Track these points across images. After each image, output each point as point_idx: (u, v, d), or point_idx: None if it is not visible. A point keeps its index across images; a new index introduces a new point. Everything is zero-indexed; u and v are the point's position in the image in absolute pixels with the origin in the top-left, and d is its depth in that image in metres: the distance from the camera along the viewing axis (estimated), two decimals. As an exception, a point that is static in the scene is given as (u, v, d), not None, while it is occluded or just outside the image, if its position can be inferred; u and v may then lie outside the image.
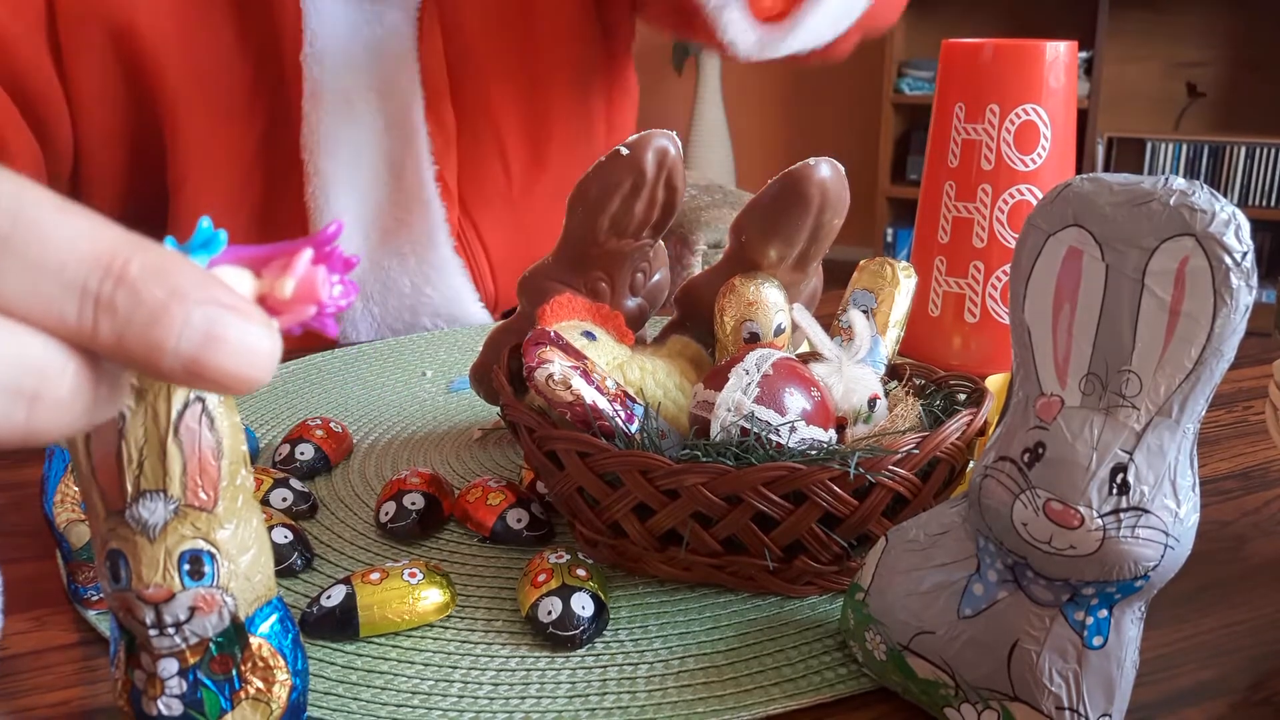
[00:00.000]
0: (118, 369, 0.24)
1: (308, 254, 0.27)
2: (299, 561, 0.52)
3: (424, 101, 0.88)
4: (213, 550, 0.35)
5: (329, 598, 0.46)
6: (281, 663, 0.38)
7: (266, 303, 0.27)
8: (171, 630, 0.35)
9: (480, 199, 0.95)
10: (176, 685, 0.36)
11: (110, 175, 0.86)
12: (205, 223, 0.26)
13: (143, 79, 0.81)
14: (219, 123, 0.85)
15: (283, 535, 0.52)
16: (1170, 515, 0.35)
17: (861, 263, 0.61)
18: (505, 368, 0.54)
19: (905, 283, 0.59)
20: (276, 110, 0.86)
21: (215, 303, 0.24)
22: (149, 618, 0.35)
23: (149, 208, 0.87)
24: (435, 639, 0.46)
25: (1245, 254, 0.34)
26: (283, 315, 0.26)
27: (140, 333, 0.23)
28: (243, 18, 0.84)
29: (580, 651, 0.46)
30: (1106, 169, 3.60)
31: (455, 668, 0.45)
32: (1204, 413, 0.36)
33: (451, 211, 0.91)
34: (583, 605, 0.46)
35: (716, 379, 0.48)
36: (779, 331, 0.54)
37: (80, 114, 0.82)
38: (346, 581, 0.47)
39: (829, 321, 0.58)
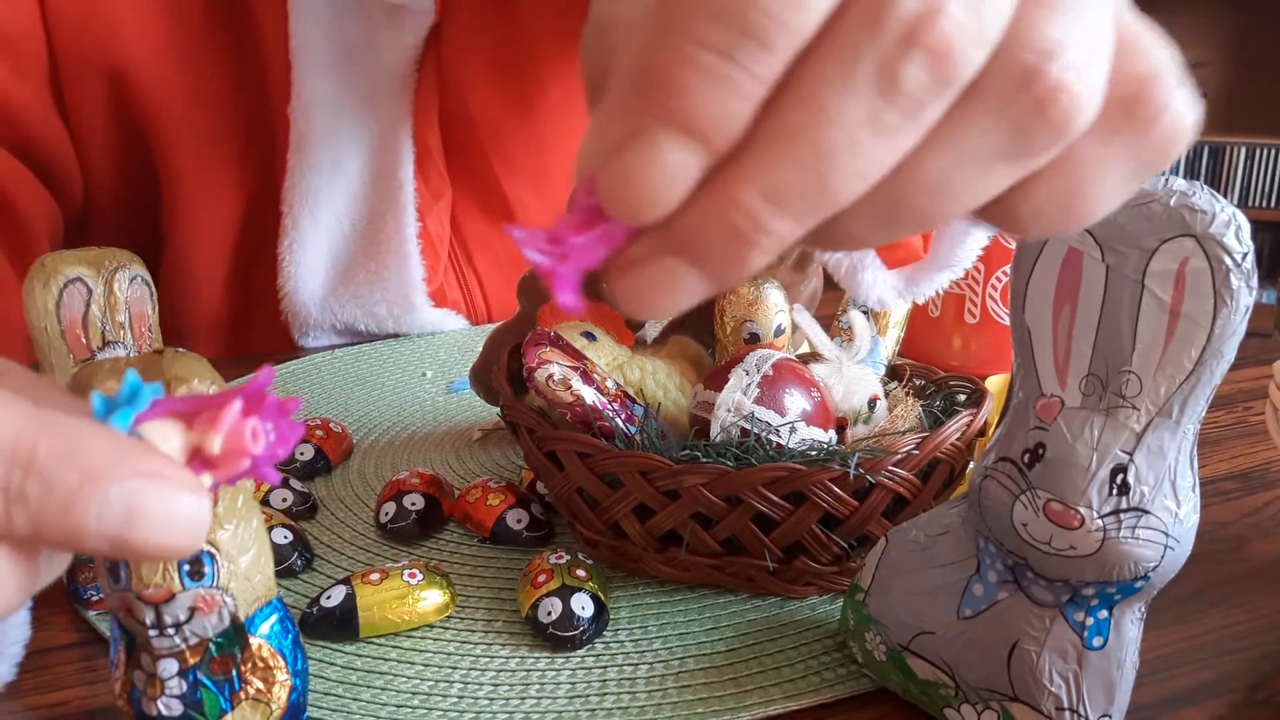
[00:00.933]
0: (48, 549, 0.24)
1: (235, 407, 0.25)
2: (299, 561, 0.52)
3: (414, 159, 0.86)
4: (212, 550, 0.35)
5: (329, 598, 0.46)
6: (281, 663, 0.38)
7: (198, 456, 0.25)
8: (171, 630, 0.35)
9: (485, 252, 0.93)
10: (176, 685, 0.36)
11: (111, 221, 0.85)
12: (131, 377, 0.25)
13: (142, 128, 0.81)
14: (212, 172, 0.84)
15: (283, 535, 0.52)
16: (1170, 516, 0.35)
17: (861, 263, 0.61)
18: (505, 368, 0.54)
19: (905, 283, 0.59)
20: (266, 163, 0.85)
21: (134, 474, 0.23)
22: (149, 618, 0.35)
23: (146, 253, 0.87)
24: (435, 639, 0.46)
25: (1245, 255, 0.34)
26: (216, 470, 0.25)
27: (56, 520, 0.22)
28: (237, 69, 0.83)
29: (580, 652, 0.46)
30: (1106, 169, 3.59)
31: (455, 668, 0.45)
32: (1204, 413, 0.36)
33: (434, 268, 0.89)
34: (583, 605, 0.46)
35: (716, 379, 0.48)
36: (779, 332, 0.54)
37: (86, 164, 0.81)
38: (346, 582, 0.47)
39: (829, 322, 0.58)
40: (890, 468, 0.45)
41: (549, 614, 0.46)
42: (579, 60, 0.31)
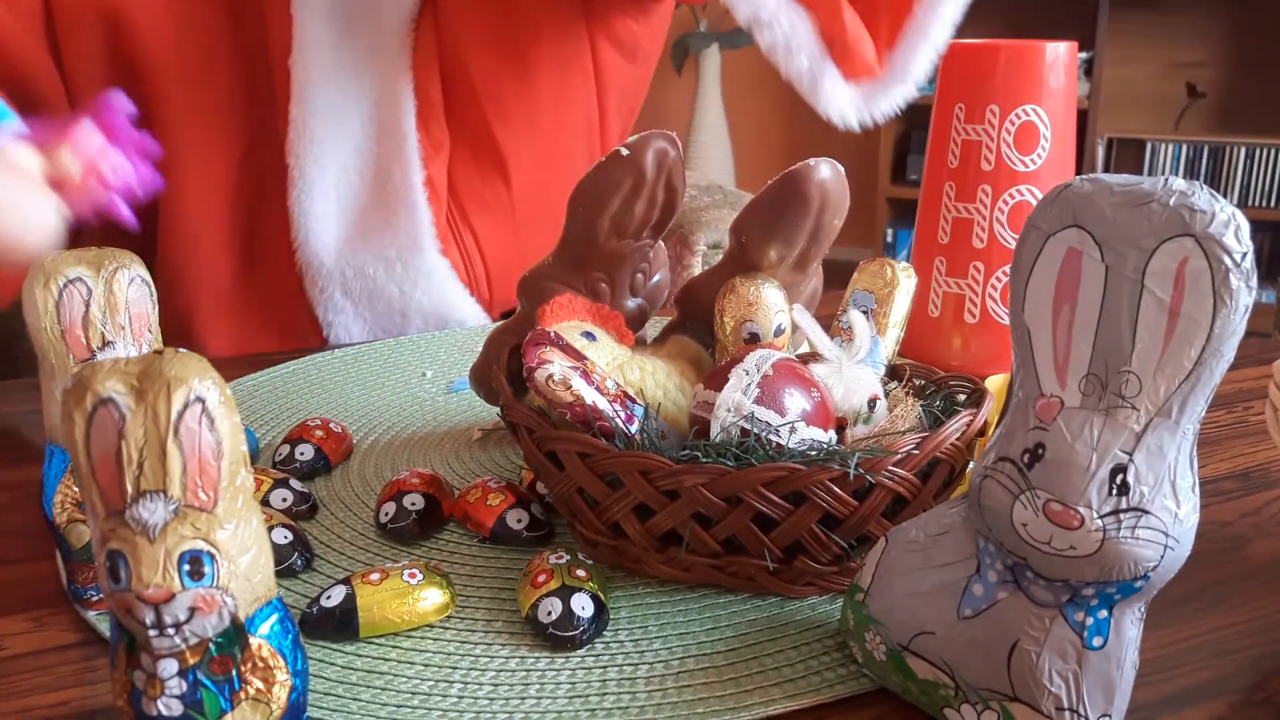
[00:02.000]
0: None
1: (89, 126, 0.26)
2: (299, 561, 0.52)
3: (416, 111, 0.88)
4: (213, 550, 0.35)
5: (329, 598, 0.46)
6: (281, 663, 0.38)
7: (54, 182, 0.26)
8: (171, 631, 0.35)
9: (480, 207, 0.95)
10: (176, 685, 0.36)
11: None
12: None
13: (136, 77, 0.82)
14: (207, 124, 0.85)
15: (283, 535, 0.52)
16: (1170, 516, 0.35)
17: (861, 263, 0.61)
18: (505, 368, 0.54)
19: (905, 283, 0.59)
20: (265, 115, 0.86)
21: None
22: (149, 618, 0.35)
23: (140, 207, 0.87)
24: (435, 639, 0.46)
25: (1245, 255, 0.34)
26: (72, 195, 0.26)
27: None
28: (236, 23, 0.84)
29: (580, 651, 0.46)
30: (1106, 169, 3.60)
31: (455, 668, 0.45)
32: (1204, 413, 0.36)
33: (439, 216, 0.91)
34: (583, 605, 0.46)
35: (716, 379, 0.48)
36: (779, 332, 0.54)
37: (78, 111, 0.82)
38: (346, 582, 0.47)
39: (829, 322, 0.58)
40: (890, 468, 0.45)
41: (549, 614, 0.46)
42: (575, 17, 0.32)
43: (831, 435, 0.48)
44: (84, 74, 0.80)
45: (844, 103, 0.59)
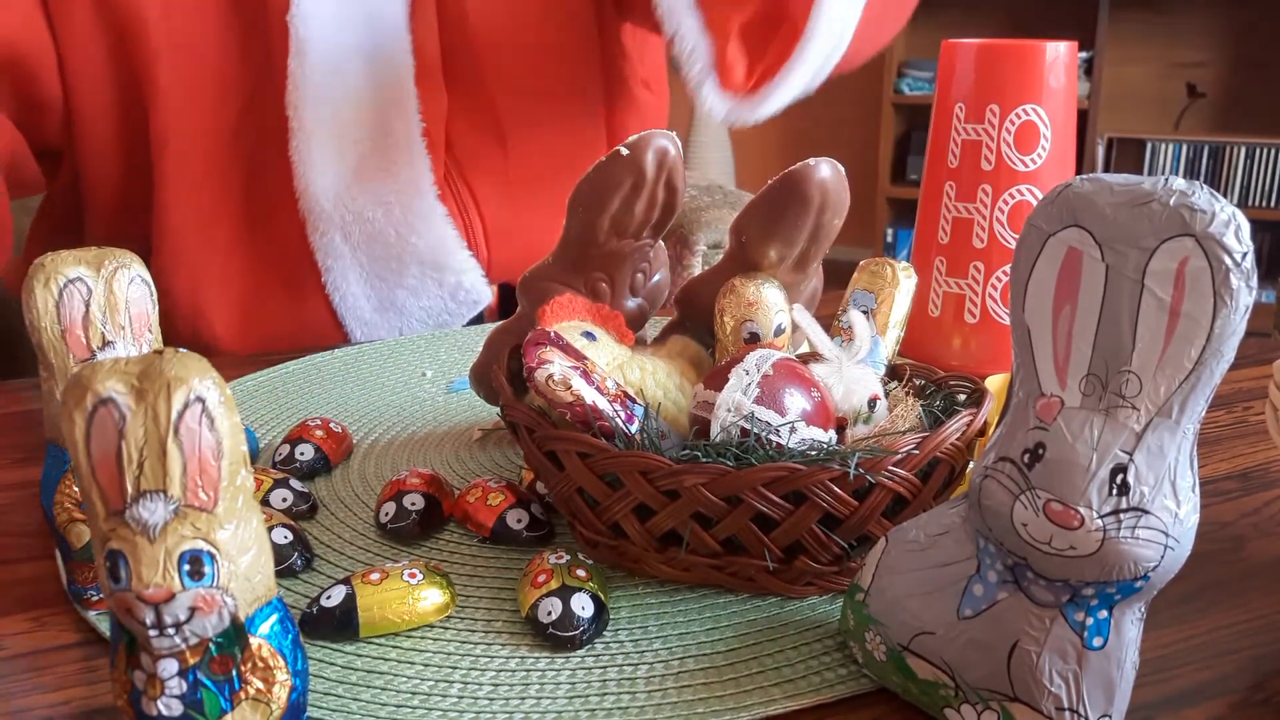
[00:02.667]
0: None
1: None
2: (299, 561, 0.52)
3: (415, 70, 0.89)
4: (213, 550, 0.35)
5: (329, 598, 0.46)
6: (281, 663, 0.38)
7: None
8: (171, 631, 0.35)
9: (475, 166, 0.96)
10: (176, 685, 0.36)
11: (101, 138, 0.87)
12: None
13: (126, 39, 0.83)
14: (203, 84, 0.86)
15: (283, 535, 0.52)
16: (1170, 516, 0.35)
17: (861, 263, 0.61)
18: (505, 368, 0.54)
19: (905, 283, 0.59)
20: (263, 71, 0.87)
21: None
22: (149, 618, 0.35)
23: (141, 170, 0.88)
24: (435, 639, 0.46)
25: (1245, 254, 0.34)
26: None
27: None
28: None
29: (580, 652, 0.46)
30: (1106, 169, 3.60)
31: (455, 668, 0.45)
32: (1204, 413, 0.36)
33: (437, 163, 0.92)
34: (583, 606, 0.46)
35: (716, 379, 0.48)
36: (779, 332, 0.54)
37: (69, 75, 0.83)
38: (346, 582, 0.47)
39: (829, 322, 0.58)
40: (890, 468, 0.45)
41: (549, 614, 0.46)
42: None
43: (831, 435, 0.48)
44: (73, 33, 0.81)
45: (715, 104, 0.80)
